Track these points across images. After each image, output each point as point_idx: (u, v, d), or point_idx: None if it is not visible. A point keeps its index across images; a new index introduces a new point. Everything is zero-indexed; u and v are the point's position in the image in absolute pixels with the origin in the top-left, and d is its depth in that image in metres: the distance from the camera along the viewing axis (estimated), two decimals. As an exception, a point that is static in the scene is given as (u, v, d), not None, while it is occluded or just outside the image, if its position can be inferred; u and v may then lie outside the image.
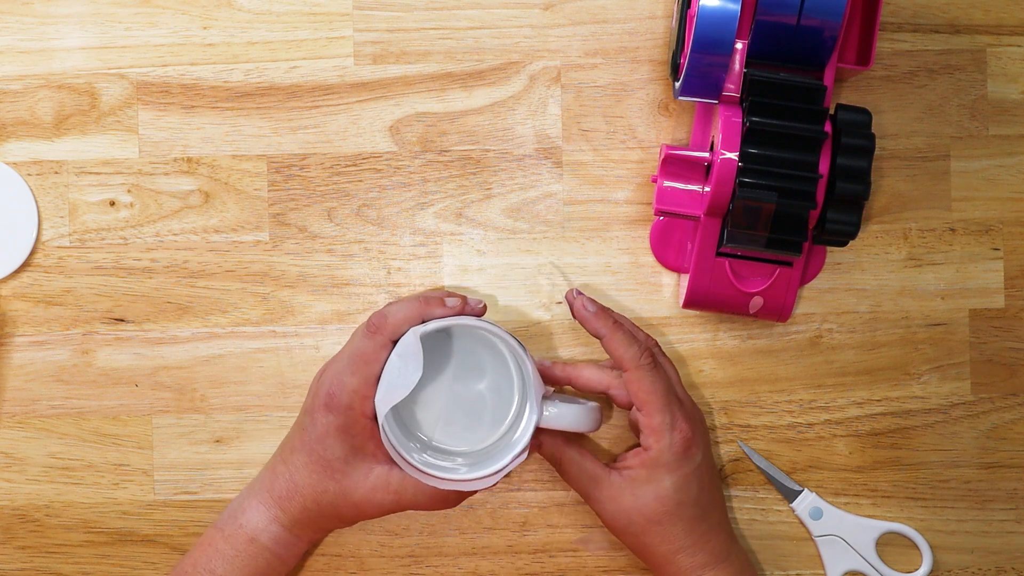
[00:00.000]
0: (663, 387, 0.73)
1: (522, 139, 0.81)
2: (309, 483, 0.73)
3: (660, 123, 0.81)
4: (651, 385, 0.73)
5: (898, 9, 0.80)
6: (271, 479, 0.74)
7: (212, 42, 0.80)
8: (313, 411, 0.72)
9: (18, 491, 0.81)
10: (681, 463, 0.72)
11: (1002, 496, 0.81)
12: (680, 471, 0.72)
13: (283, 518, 0.74)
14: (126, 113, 0.80)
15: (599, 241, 0.81)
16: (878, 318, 0.81)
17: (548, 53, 0.81)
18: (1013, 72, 0.81)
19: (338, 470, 0.72)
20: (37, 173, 0.80)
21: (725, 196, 0.71)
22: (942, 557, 0.81)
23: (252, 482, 0.76)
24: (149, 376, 0.81)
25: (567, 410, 0.73)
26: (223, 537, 0.73)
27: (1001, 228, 0.81)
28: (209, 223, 0.81)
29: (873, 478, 0.81)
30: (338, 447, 0.72)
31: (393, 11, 0.80)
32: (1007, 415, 0.81)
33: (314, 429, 0.72)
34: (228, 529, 0.74)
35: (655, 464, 0.72)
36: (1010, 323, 0.81)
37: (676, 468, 0.72)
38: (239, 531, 0.73)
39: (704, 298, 0.76)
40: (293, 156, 0.81)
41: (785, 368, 0.81)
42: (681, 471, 0.72)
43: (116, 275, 0.81)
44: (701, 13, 0.70)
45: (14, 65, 0.80)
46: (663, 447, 0.72)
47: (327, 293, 0.81)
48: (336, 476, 0.72)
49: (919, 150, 0.81)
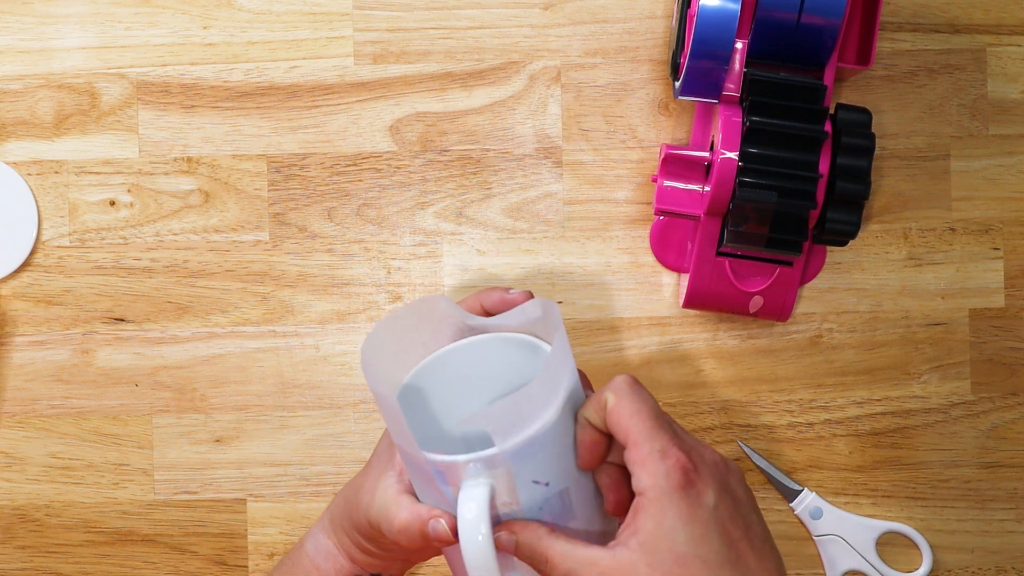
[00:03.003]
0: (649, 409, 0.58)
1: (522, 139, 0.81)
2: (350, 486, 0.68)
3: (660, 123, 0.81)
4: (632, 406, 0.58)
5: (898, 9, 0.80)
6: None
7: (212, 42, 0.80)
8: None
9: (18, 491, 0.81)
10: (686, 502, 0.56)
11: (1002, 496, 0.81)
12: (690, 516, 0.56)
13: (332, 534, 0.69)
14: (126, 113, 0.80)
15: (599, 241, 0.81)
16: (878, 318, 0.81)
17: (548, 53, 0.81)
18: (1013, 72, 0.81)
19: (370, 463, 0.66)
20: (37, 173, 0.80)
21: (725, 196, 0.71)
22: (942, 557, 0.81)
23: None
24: (149, 376, 0.81)
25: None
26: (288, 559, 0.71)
27: (1001, 228, 0.81)
28: (209, 223, 0.81)
29: (873, 478, 0.81)
30: (383, 440, 0.67)
31: (393, 11, 0.81)
32: (1007, 415, 0.81)
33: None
34: (292, 554, 0.71)
35: (657, 509, 0.56)
36: (1010, 323, 0.81)
37: (683, 511, 0.56)
38: (299, 552, 0.71)
39: (704, 298, 0.76)
40: (293, 156, 0.81)
41: (785, 368, 0.81)
42: (692, 515, 0.56)
43: (116, 275, 0.81)
44: (701, 13, 0.70)
45: (14, 65, 0.80)
46: (657, 479, 0.56)
47: (327, 293, 0.81)
48: (366, 470, 0.66)
49: (919, 150, 0.81)
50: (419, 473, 0.60)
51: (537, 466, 0.58)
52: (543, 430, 0.57)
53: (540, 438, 0.57)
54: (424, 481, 0.60)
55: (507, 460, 0.57)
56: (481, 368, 0.66)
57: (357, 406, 0.81)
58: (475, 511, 0.56)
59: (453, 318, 0.64)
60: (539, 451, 0.58)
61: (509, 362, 0.65)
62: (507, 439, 0.57)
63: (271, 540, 0.80)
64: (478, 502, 0.57)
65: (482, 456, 0.57)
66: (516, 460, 0.57)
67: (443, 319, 0.64)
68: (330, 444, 0.81)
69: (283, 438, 0.81)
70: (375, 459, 0.66)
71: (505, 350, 0.65)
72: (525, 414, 0.57)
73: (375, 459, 0.66)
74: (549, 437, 0.58)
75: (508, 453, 0.57)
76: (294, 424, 0.81)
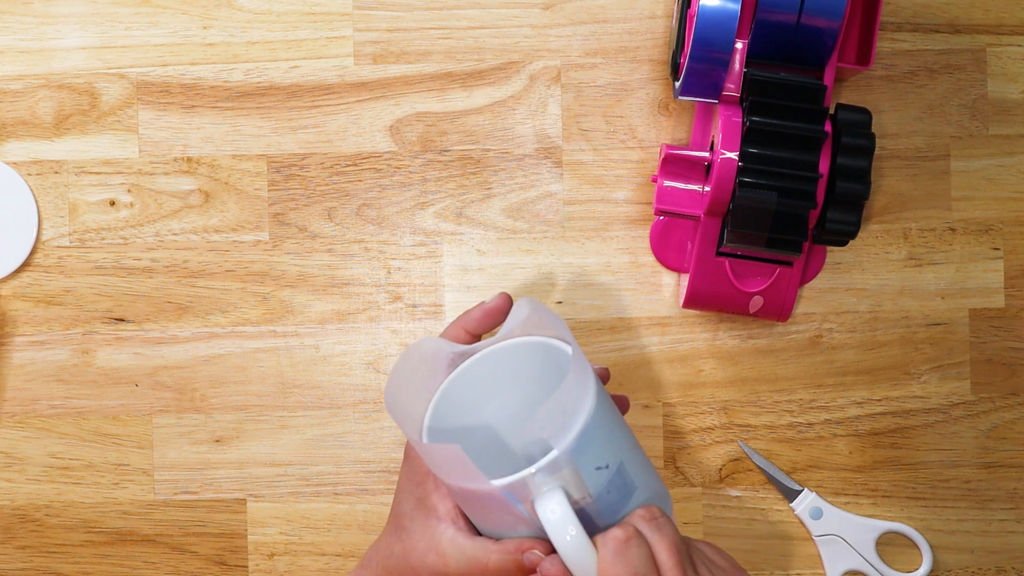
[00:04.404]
0: (630, 572, 0.58)
1: (522, 139, 0.81)
2: (383, 544, 0.67)
3: (660, 123, 0.81)
4: (614, 570, 0.58)
5: (898, 9, 0.80)
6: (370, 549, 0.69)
7: (212, 42, 0.80)
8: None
9: (18, 491, 0.81)
10: None
11: (1002, 496, 0.81)
12: None
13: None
14: (126, 113, 0.80)
15: (599, 241, 0.81)
16: (878, 318, 0.81)
17: (548, 53, 0.81)
18: (1013, 72, 0.81)
19: (404, 527, 0.66)
20: (37, 173, 0.80)
21: (725, 196, 0.71)
22: (942, 557, 0.81)
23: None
24: (149, 376, 0.81)
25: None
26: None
27: (1001, 228, 0.81)
28: (209, 223, 0.81)
29: (873, 478, 0.81)
30: (407, 499, 0.66)
31: (393, 11, 0.81)
32: (1007, 415, 0.81)
33: (397, 485, 0.68)
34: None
35: None
36: (1010, 323, 0.81)
37: None
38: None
39: (704, 298, 0.76)
40: (293, 156, 0.81)
41: (785, 368, 0.81)
42: None
43: (116, 275, 0.81)
44: (701, 13, 0.70)
45: (14, 65, 0.80)
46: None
47: (327, 293, 0.81)
48: (402, 535, 0.66)
49: (919, 150, 0.81)
50: (486, 504, 0.61)
51: (595, 453, 0.60)
52: (590, 418, 0.59)
53: (591, 426, 0.59)
54: (493, 510, 0.61)
55: (570, 457, 0.58)
56: (488, 386, 0.67)
57: (357, 406, 0.81)
58: (559, 512, 0.58)
59: (443, 353, 0.66)
60: (593, 438, 0.59)
61: (513, 369, 0.67)
62: (564, 438, 0.58)
63: (271, 540, 0.80)
64: (558, 503, 0.58)
65: (547, 461, 0.58)
66: (577, 454, 0.59)
67: (434, 358, 0.66)
68: (330, 444, 0.81)
69: (283, 438, 0.81)
70: (405, 520, 0.65)
71: (504, 360, 0.66)
72: (569, 409, 0.59)
73: (405, 520, 0.65)
74: (597, 422, 0.60)
75: (569, 451, 0.58)
76: (294, 424, 0.81)
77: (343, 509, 0.81)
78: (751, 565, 0.81)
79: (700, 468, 0.81)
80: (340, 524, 0.80)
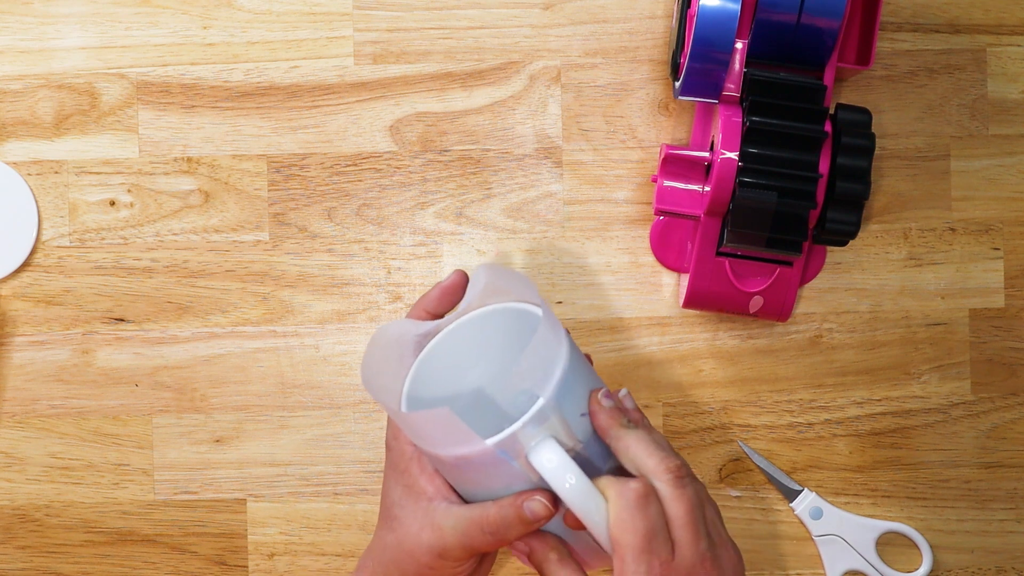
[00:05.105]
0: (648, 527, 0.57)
1: (522, 139, 0.81)
2: (375, 542, 0.67)
3: (660, 123, 0.81)
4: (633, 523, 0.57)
5: (898, 9, 0.80)
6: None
7: (212, 42, 0.80)
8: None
9: (18, 491, 0.81)
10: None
11: (1002, 496, 0.81)
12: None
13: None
14: (126, 113, 0.80)
15: (599, 241, 0.81)
16: (878, 318, 0.81)
17: (548, 53, 0.81)
18: (1013, 72, 0.81)
19: (395, 516, 0.65)
20: (37, 173, 0.80)
21: (725, 196, 0.71)
22: (942, 557, 0.81)
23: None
24: (149, 376, 0.81)
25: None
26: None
27: (1001, 228, 0.81)
28: (209, 223, 0.81)
29: (873, 478, 0.81)
30: (394, 489, 0.66)
31: (393, 11, 0.81)
32: (1007, 415, 0.81)
33: (383, 480, 0.68)
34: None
35: None
36: (1010, 323, 0.81)
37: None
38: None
39: (704, 298, 0.76)
40: (293, 156, 0.81)
41: (785, 368, 0.81)
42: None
43: (116, 275, 0.81)
44: (701, 13, 0.70)
45: (14, 65, 0.80)
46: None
47: (327, 293, 0.81)
48: (393, 524, 0.65)
49: (919, 150, 0.81)
50: (479, 469, 0.61)
51: (578, 399, 0.61)
52: (568, 364, 0.60)
53: (570, 372, 0.60)
54: (486, 473, 0.61)
55: (556, 404, 0.59)
56: (459, 360, 0.68)
57: (357, 406, 0.81)
58: (556, 460, 0.58)
59: (408, 335, 0.67)
60: (573, 384, 0.61)
61: (481, 341, 0.68)
62: (546, 385, 0.59)
63: (271, 540, 0.80)
64: (553, 451, 0.59)
65: (534, 411, 0.59)
66: (561, 400, 0.59)
67: (400, 341, 0.67)
68: (330, 444, 0.81)
69: (283, 438, 0.81)
70: (395, 510, 0.65)
71: (469, 333, 0.68)
72: (547, 358, 0.60)
73: (395, 510, 0.65)
74: (574, 368, 0.61)
75: (554, 398, 0.59)
76: (294, 424, 0.81)
77: (343, 509, 0.81)
78: (751, 565, 0.81)
79: (700, 468, 0.81)
80: (340, 524, 0.81)
